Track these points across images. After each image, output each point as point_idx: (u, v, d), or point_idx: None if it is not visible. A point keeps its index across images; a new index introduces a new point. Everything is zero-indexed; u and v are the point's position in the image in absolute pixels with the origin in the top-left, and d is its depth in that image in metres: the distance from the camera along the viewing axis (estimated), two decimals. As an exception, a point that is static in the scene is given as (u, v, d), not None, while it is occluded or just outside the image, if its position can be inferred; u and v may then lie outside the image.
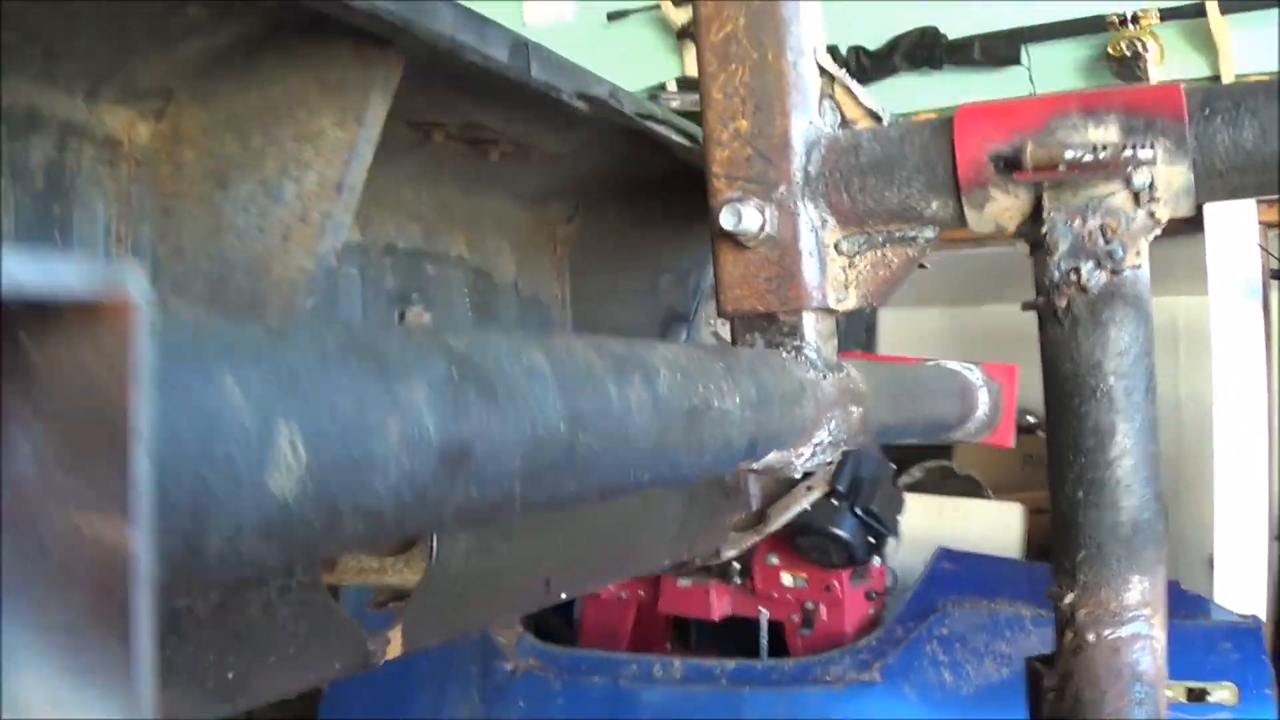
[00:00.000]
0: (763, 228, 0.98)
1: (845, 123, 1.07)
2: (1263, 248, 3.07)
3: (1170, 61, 3.08)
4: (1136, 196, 0.93)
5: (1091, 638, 0.96)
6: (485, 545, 1.29)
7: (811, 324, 1.01)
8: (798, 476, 1.92)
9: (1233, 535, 3.30)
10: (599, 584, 1.62)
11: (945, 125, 0.99)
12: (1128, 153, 0.89)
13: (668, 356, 0.69)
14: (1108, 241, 0.93)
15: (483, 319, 1.25)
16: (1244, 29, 3.05)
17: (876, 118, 1.06)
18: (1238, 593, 3.20)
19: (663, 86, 3.61)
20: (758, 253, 0.98)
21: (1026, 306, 0.99)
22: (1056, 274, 0.93)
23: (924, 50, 3.15)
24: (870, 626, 3.01)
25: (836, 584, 3.08)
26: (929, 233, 1.02)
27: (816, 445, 0.96)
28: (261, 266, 0.85)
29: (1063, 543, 0.98)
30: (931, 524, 3.26)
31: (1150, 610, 0.95)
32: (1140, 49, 3.01)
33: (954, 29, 3.21)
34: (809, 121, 1.00)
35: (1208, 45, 3.06)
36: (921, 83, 3.29)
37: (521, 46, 0.95)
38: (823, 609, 3.07)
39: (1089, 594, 0.96)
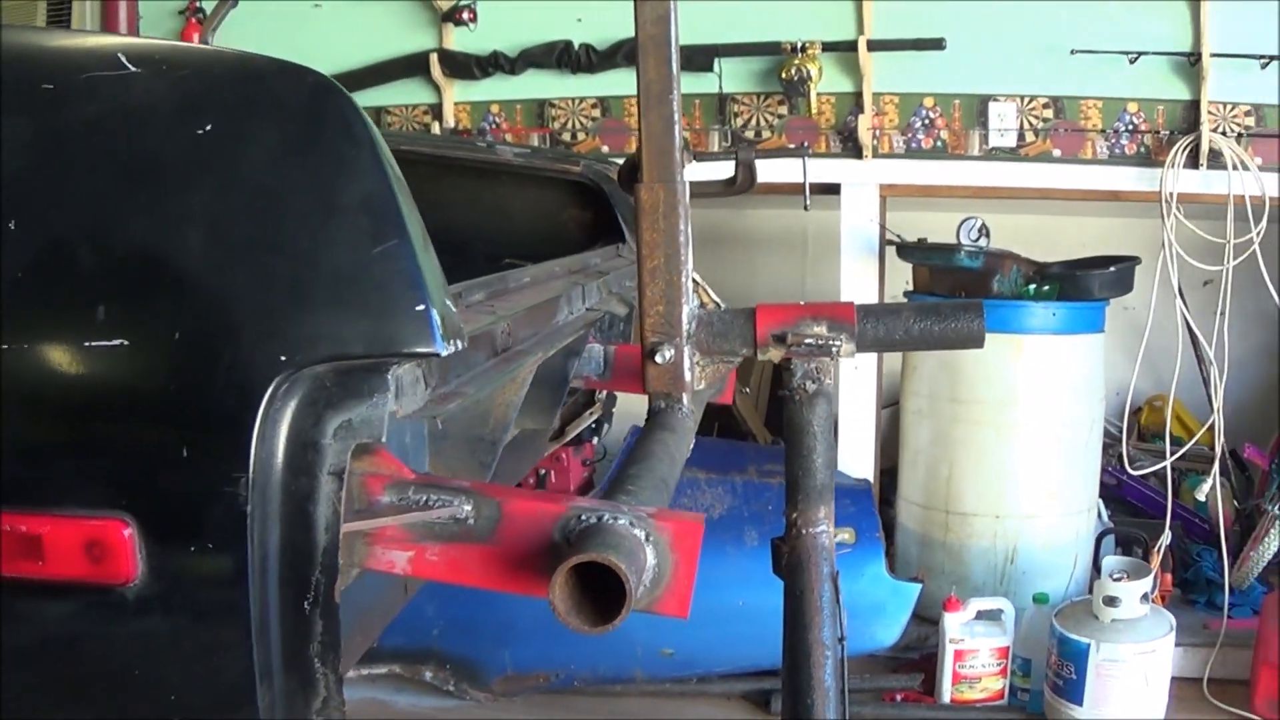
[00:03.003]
0: (669, 359, 2.41)
1: (702, 304, 2.54)
2: (881, 225, 4.72)
3: (827, 82, 4.50)
4: (829, 354, 2.45)
5: (804, 532, 2.10)
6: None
7: (686, 399, 2.46)
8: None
9: (851, 413, 4.79)
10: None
11: (751, 315, 2.39)
12: (830, 343, 2.38)
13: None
14: (817, 372, 2.40)
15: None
16: (883, 62, 4.49)
17: (716, 303, 2.54)
18: (854, 458, 4.73)
19: (427, 56, 4.92)
20: (665, 368, 2.34)
21: (778, 395, 2.49)
22: (795, 383, 2.12)
23: (639, 55, 4.51)
24: (587, 486, 4.37)
25: (564, 455, 4.55)
26: (737, 360, 2.42)
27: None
28: (491, 396, 2.23)
29: (793, 491, 2.12)
30: (632, 408, 4.74)
31: (827, 521, 2.12)
32: (805, 74, 4.52)
33: (666, 41, 4.61)
34: (689, 306, 2.41)
35: (855, 73, 4.48)
36: (634, 77, 4.76)
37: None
38: (552, 473, 4.45)
39: (802, 513, 2.11)
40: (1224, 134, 4.37)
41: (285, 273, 1.37)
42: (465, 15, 4.92)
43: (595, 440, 4.40)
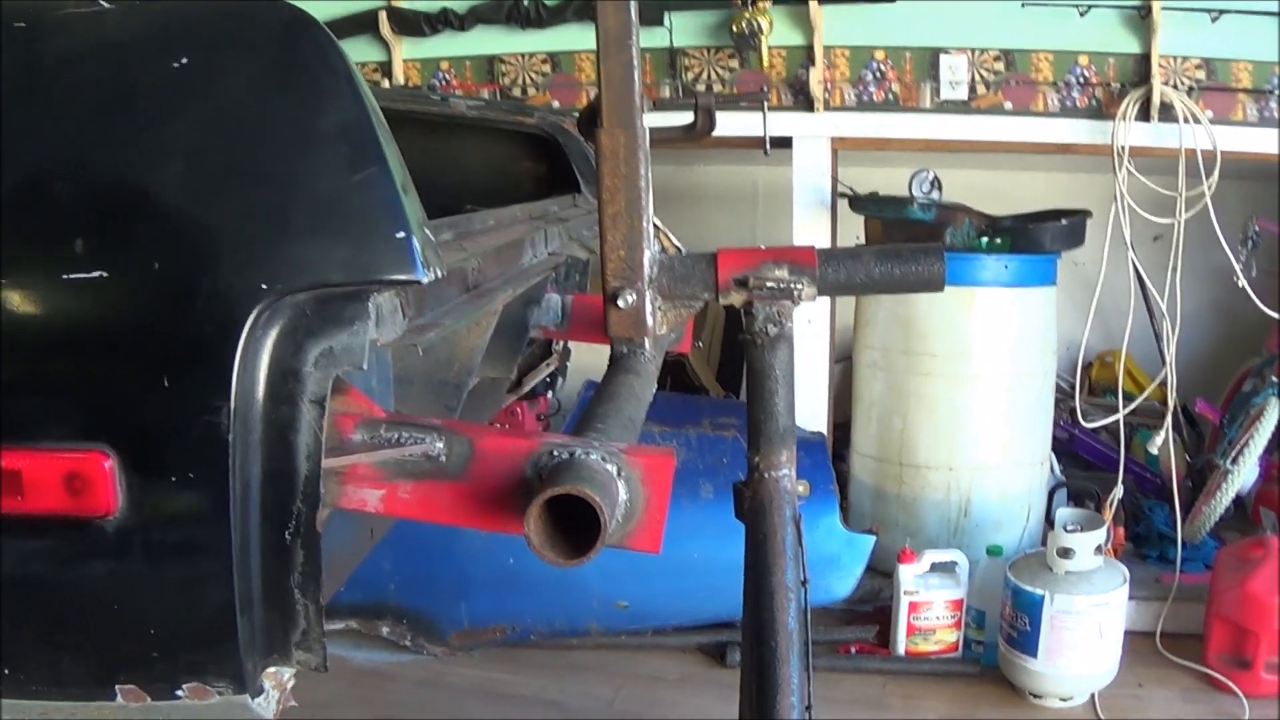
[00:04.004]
0: (631, 303, 2.46)
1: (663, 249, 2.58)
2: (833, 178, 4.77)
3: (777, 36, 4.52)
4: (791, 297, 2.50)
5: (766, 475, 2.11)
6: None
7: (648, 343, 2.51)
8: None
9: (804, 367, 4.99)
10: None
11: (713, 260, 2.44)
12: (792, 285, 2.43)
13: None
14: (779, 316, 2.45)
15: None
16: (833, 14, 4.52)
17: (677, 248, 2.58)
18: (807, 413, 4.72)
19: (375, 13, 4.92)
20: (627, 312, 2.43)
21: (740, 339, 2.54)
22: (756, 327, 2.12)
23: (589, 9, 4.47)
24: (541, 440, 4.53)
25: (519, 410, 4.60)
26: (699, 304, 2.50)
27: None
28: (456, 341, 2.27)
29: (755, 435, 2.13)
30: (585, 362, 4.72)
31: (789, 465, 2.13)
32: (756, 28, 4.55)
33: (612, -4, 4.65)
34: (650, 251, 2.46)
35: (806, 26, 4.51)
36: (584, 32, 4.77)
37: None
38: (508, 427, 4.57)
39: (765, 457, 2.12)
40: (1175, 87, 4.43)
41: (265, 202, 1.41)
42: (414, -29, 4.94)
43: (550, 395, 4.44)
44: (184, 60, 1.43)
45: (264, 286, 1.38)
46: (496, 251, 2.13)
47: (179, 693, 1.47)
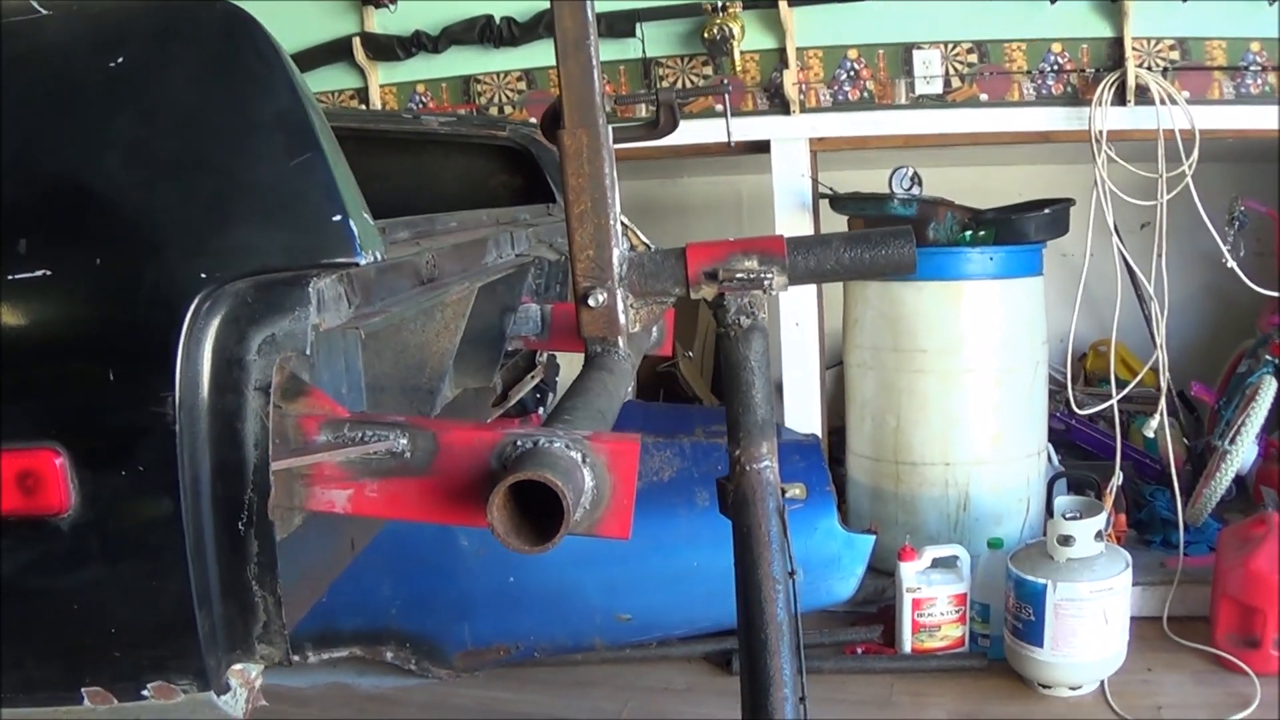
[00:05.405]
0: (603, 302, 2.46)
1: (633, 246, 2.58)
2: (812, 178, 4.78)
3: (750, 40, 4.52)
4: (762, 287, 2.50)
5: (748, 468, 2.14)
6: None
7: (622, 341, 2.52)
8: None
9: (794, 371, 4.87)
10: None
11: (682, 254, 2.45)
12: (762, 276, 2.43)
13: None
14: (750, 307, 2.46)
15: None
16: (804, 16, 4.53)
17: (646, 245, 2.58)
18: (800, 417, 4.79)
19: (349, 40, 4.95)
20: (599, 311, 2.43)
21: (718, 334, 2.55)
22: (730, 319, 2.17)
23: (561, 23, 4.56)
24: (535, 457, 4.54)
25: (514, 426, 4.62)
26: (670, 300, 2.50)
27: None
28: (425, 344, 2.27)
29: (734, 428, 2.16)
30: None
31: (770, 456, 2.17)
32: (728, 33, 4.56)
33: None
34: (619, 249, 2.46)
35: (777, 29, 4.51)
36: (556, 48, 4.82)
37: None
38: None
39: (745, 450, 2.15)
40: (1150, 69, 4.43)
41: (202, 192, 1.43)
42: (385, -3, 4.97)
43: (540, 411, 4.45)
44: (119, 60, 1.44)
45: (204, 276, 1.40)
46: (456, 248, 2.14)
47: (144, 692, 1.47)
